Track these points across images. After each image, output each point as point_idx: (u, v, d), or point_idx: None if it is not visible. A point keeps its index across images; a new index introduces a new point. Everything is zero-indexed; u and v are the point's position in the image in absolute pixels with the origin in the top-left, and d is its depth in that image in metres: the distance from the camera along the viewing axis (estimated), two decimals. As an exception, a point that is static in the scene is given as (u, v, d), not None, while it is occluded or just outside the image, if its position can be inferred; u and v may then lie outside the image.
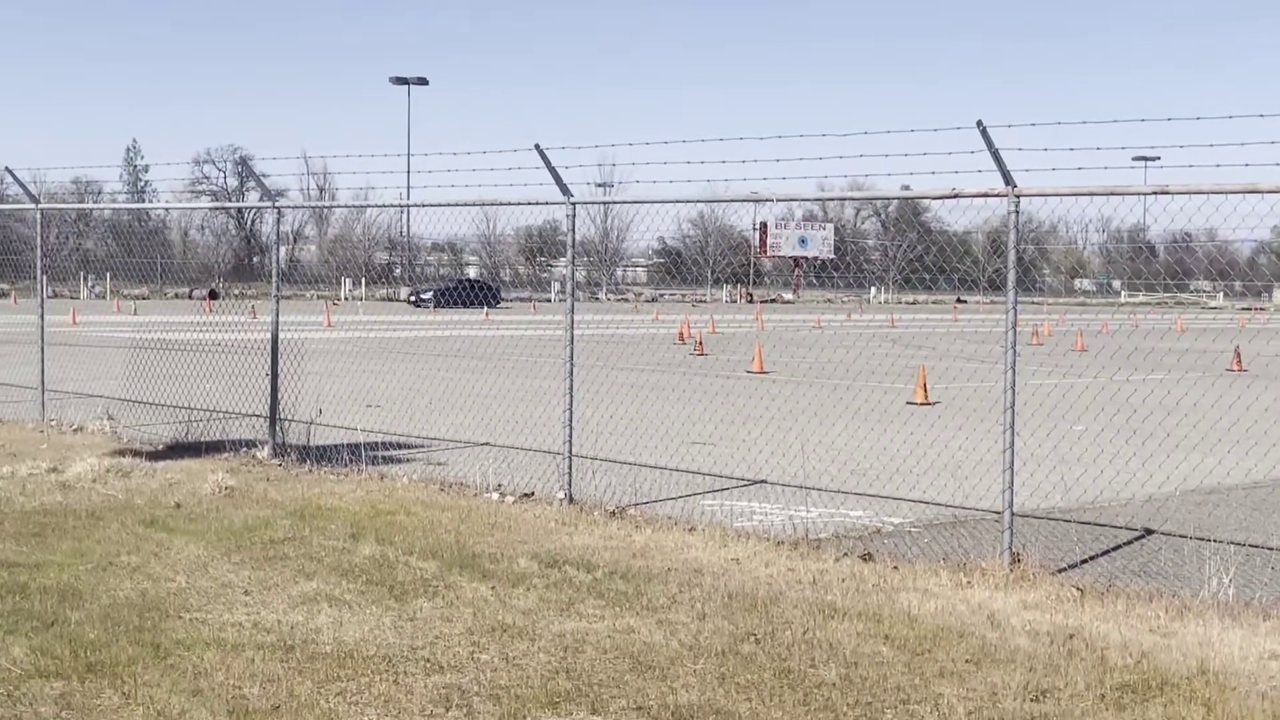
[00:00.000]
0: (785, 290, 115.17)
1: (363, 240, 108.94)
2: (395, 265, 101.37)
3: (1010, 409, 9.91)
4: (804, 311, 77.06)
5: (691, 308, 79.23)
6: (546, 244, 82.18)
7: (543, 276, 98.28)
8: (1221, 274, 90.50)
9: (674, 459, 15.22)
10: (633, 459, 15.13)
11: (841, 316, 69.57)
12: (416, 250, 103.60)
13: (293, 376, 15.18)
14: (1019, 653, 7.58)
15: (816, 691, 6.84)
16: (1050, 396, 20.56)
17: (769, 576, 9.41)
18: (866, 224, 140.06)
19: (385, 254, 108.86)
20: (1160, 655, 7.56)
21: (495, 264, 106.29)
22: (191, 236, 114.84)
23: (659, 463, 14.90)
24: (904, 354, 36.33)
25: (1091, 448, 16.49)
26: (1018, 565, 9.56)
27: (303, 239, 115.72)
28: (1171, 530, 11.58)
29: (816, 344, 40.90)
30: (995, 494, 10.65)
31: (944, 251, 55.15)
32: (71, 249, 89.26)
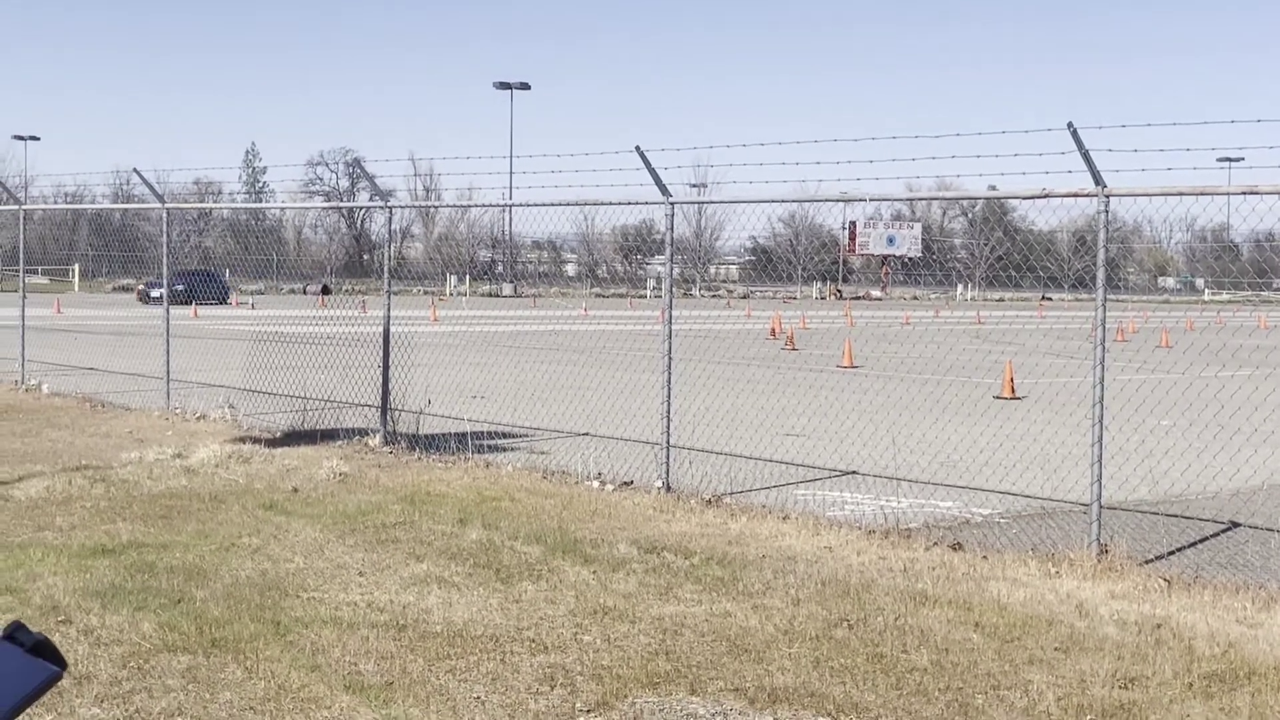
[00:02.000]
0: (874, 287, 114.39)
1: (466, 238, 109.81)
2: (497, 262, 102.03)
3: (1099, 403, 9.78)
4: (892, 308, 76.48)
5: (782, 304, 78.93)
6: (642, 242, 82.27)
7: (638, 273, 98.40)
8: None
9: (767, 450, 15.18)
10: (727, 450, 15.11)
11: (929, 313, 68.95)
12: (518, 248, 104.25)
13: (402, 368, 15.34)
14: (1107, 641, 7.47)
15: (908, 676, 6.79)
16: (1137, 392, 20.22)
17: (861, 564, 9.36)
18: (954, 223, 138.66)
19: (488, 252, 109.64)
20: (1247, 646, 7.42)
21: (593, 261, 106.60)
22: (305, 235, 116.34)
23: (753, 453, 14.87)
24: (990, 350, 35.93)
25: (1179, 442, 16.21)
26: (1105, 556, 9.43)
27: (410, 237, 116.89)
28: (1258, 523, 11.36)
29: (905, 340, 40.57)
30: (1082, 486, 10.51)
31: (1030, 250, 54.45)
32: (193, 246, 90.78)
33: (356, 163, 33.79)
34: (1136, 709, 6.32)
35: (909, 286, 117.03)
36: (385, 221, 16.02)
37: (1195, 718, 6.23)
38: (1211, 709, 6.35)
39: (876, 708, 6.33)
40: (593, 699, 6.42)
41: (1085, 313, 11.93)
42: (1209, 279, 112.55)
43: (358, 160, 41.03)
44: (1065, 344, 39.85)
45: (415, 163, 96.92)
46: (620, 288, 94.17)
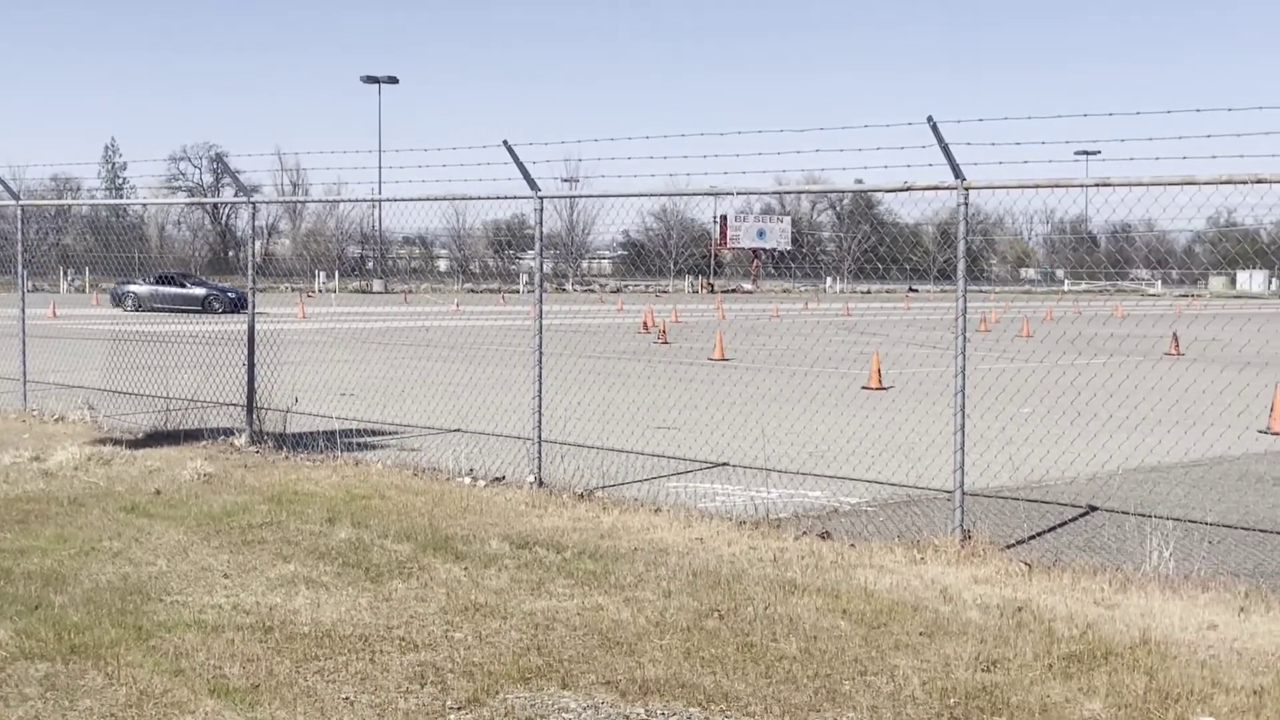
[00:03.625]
0: (745, 281, 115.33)
1: (335, 234, 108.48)
2: (367, 258, 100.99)
3: (960, 393, 9.96)
4: (763, 301, 77.19)
5: (654, 298, 79.23)
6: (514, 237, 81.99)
7: (511, 269, 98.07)
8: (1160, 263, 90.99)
9: (639, 443, 15.22)
10: (600, 443, 15.13)
11: (799, 306, 69.71)
12: (388, 244, 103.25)
13: (268, 366, 15.10)
14: (970, 625, 7.62)
15: (778, 664, 6.86)
16: (998, 381, 20.67)
17: (731, 555, 9.43)
18: (822, 216, 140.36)
19: (357, 248, 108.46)
20: (1104, 627, 7.62)
21: (465, 256, 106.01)
22: (168, 232, 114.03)
23: (625, 447, 14.90)
24: (858, 341, 36.44)
25: (1038, 429, 16.60)
26: (969, 542, 9.61)
27: (277, 233, 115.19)
28: (1114, 507, 11.67)
29: (775, 332, 40.98)
30: (947, 474, 10.70)
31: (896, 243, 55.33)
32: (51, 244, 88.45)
33: (219, 158, 33.14)
34: (998, 690, 6.46)
35: (779, 279, 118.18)
36: (249, 218, 15.76)
37: (1055, 698, 6.38)
38: (1070, 689, 6.51)
39: (746, 696, 6.38)
40: (464, 696, 6.38)
41: (950, 304, 12.27)
42: (1068, 270, 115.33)
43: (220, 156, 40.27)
44: (930, 335, 40.57)
45: (282, 157, 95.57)
46: (493, 283, 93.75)
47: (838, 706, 6.28)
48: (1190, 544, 9.83)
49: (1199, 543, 10.03)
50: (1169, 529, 9.73)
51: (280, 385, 15.66)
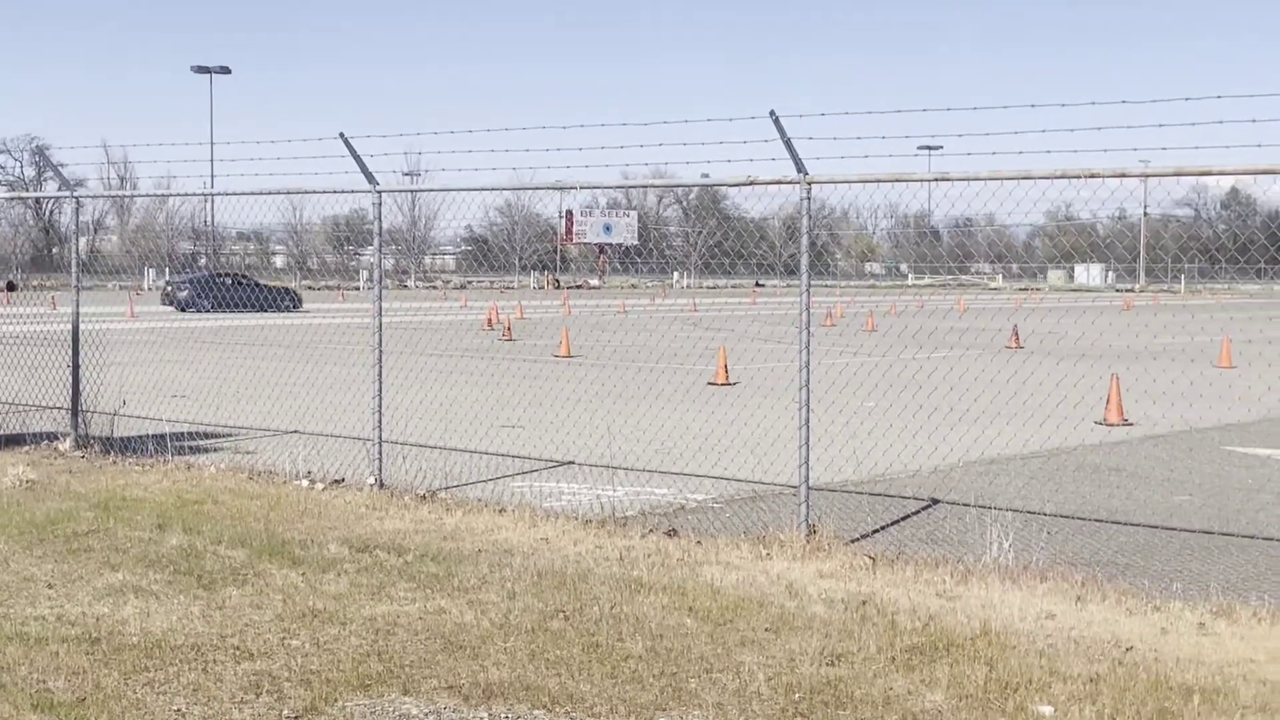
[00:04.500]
0: (591, 276, 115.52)
1: (166, 230, 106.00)
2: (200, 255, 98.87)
3: (805, 388, 10.10)
4: (609, 297, 77.38)
5: (499, 294, 78.92)
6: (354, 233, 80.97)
7: (350, 265, 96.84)
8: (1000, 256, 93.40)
9: (484, 442, 15.15)
10: (443, 443, 15.02)
11: (645, 301, 70.03)
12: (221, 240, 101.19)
13: (95, 367, 14.70)
14: (815, 620, 7.74)
15: (624, 664, 6.89)
16: (843, 375, 21.01)
17: (577, 554, 9.44)
18: (669, 211, 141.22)
19: (189, 244, 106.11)
20: (946, 618, 7.80)
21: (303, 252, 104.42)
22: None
23: (469, 446, 14.82)
24: (705, 337, 36.75)
25: (882, 423, 16.91)
26: (814, 536, 9.76)
27: (104, 229, 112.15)
28: (956, 499, 11.95)
29: (622, 328, 41.11)
30: (792, 469, 10.84)
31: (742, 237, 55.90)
32: None
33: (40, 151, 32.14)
34: (842, 684, 6.57)
35: (626, 275, 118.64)
36: (73, 213, 15.30)
37: (898, 690, 6.51)
38: (913, 680, 6.65)
39: (592, 698, 6.39)
40: (301, 705, 6.29)
41: (796, 299, 12.45)
42: (912, 264, 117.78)
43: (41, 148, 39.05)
44: (777, 329, 41.09)
45: (108, 150, 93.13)
46: (332, 280, 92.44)
47: (684, 705, 6.33)
48: (1029, 535, 10.11)
49: (1038, 533, 10.32)
50: (1009, 520, 9.99)
51: (107, 387, 15.25)
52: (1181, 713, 6.18)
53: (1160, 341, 34.71)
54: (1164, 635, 7.51)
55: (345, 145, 11.98)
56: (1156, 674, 6.72)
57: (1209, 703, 6.30)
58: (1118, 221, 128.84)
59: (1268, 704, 6.30)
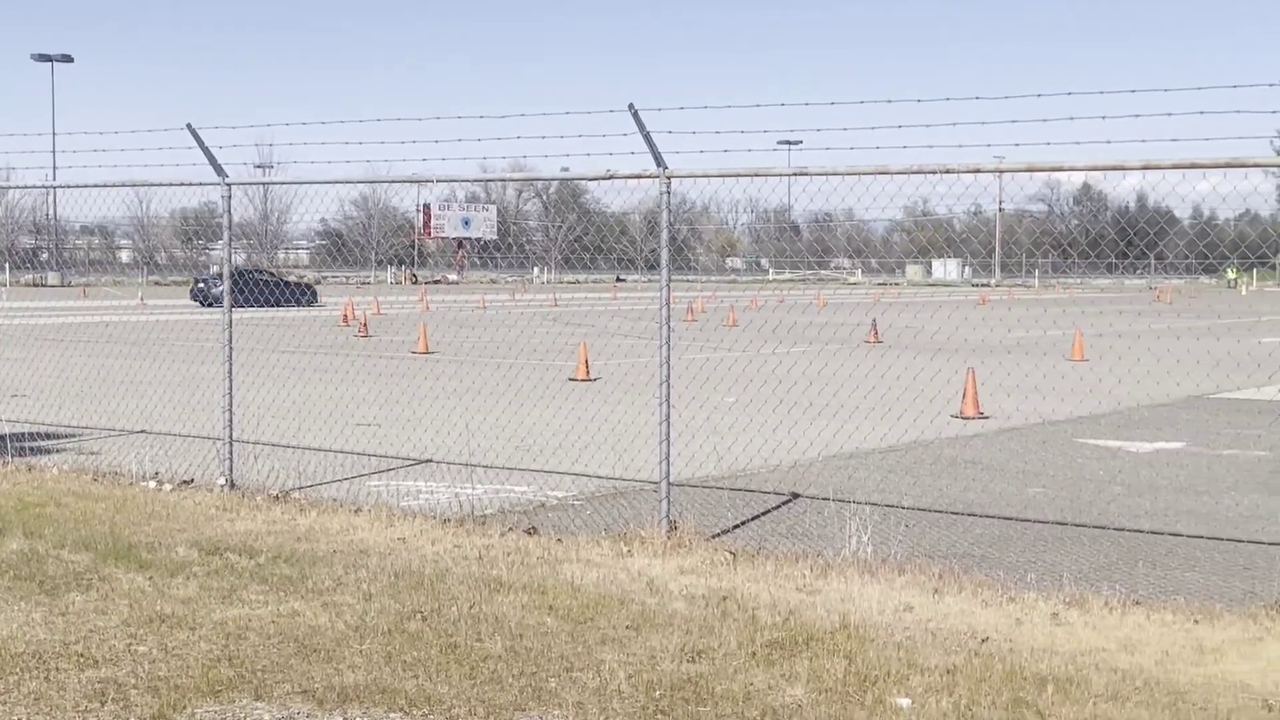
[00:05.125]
0: (449, 271, 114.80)
1: (4, 224, 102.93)
2: (41, 249, 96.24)
3: (665, 383, 10.14)
4: (468, 292, 76.97)
5: (355, 289, 78.03)
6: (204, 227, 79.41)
7: (201, 260, 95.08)
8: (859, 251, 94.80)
9: (339, 441, 14.96)
10: (297, 442, 14.80)
11: (505, 297, 69.78)
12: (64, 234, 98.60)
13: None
14: (676, 616, 7.77)
15: (483, 665, 6.85)
16: (704, 370, 21.15)
17: (435, 554, 9.37)
18: (529, 205, 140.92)
19: (30, 238, 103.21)
20: (806, 612, 7.88)
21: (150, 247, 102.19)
22: None
23: (324, 445, 14.62)
24: (565, 332, 36.72)
25: (742, 418, 17.06)
26: (675, 533, 9.80)
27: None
28: (816, 494, 12.08)
29: (481, 324, 40.92)
30: (653, 465, 10.88)
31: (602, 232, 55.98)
32: None
33: None
34: (703, 680, 6.60)
35: (485, 270, 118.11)
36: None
37: (758, 685, 6.57)
38: (773, 675, 6.71)
39: (450, 699, 6.34)
40: (148, 712, 6.14)
41: (657, 293, 12.54)
42: (773, 259, 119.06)
43: (-128, 136, 37.47)
44: (637, 325, 41.22)
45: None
46: (181, 275, 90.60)
47: (543, 705, 6.31)
48: (888, 528, 10.27)
49: (896, 526, 10.48)
50: (868, 514, 10.14)
51: (-58, 386, 14.76)
52: (1036, 702, 6.32)
53: (1014, 335, 35.54)
54: (1019, 626, 7.67)
55: (193, 136, 11.74)
56: (1012, 664, 6.87)
57: (1062, 692, 6.45)
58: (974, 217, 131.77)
59: (1119, 692, 6.48)
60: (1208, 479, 13.31)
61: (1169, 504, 11.97)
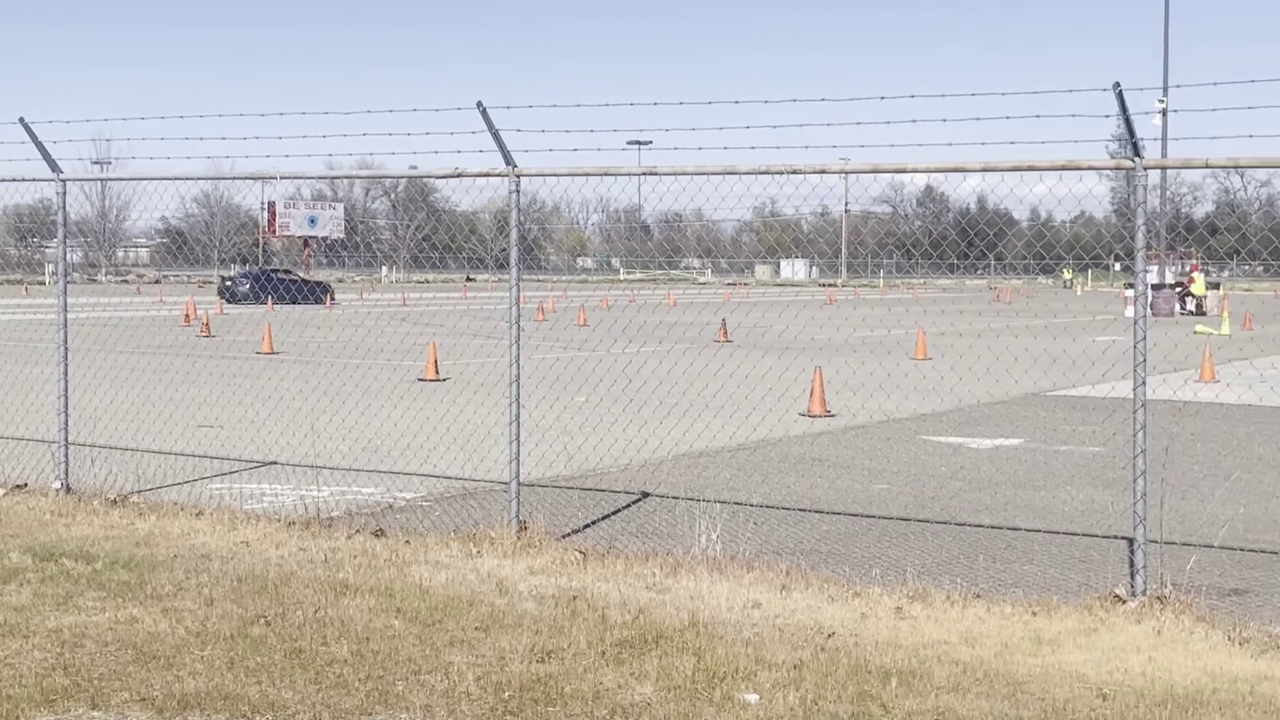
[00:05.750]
0: (296, 270, 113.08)
1: None
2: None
3: (515, 383, 10.10)
4: (314, 291, 75.79)
5: (198, 289, 76.46)
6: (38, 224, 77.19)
7: (35, 258, 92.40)
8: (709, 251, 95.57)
9: (180, 443, 14.65)
10: (136, 445, 14.46)
11: (353, 296, 68.96)
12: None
13: None
14: (526, 617, 7.75)
15: (328, 669, 6.75)
16: (554, 369, 21.14)
17: (280, 557, 9.22)
18: (376, 204, 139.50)
19: None
20: (656, 611, 7.92)
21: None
22: None
23: (164, 448, 14.30)
24: (414, 332, 36.42)
25: (593, 417, 17.08)
26: (525, 533, 9.78)
27: None
28: (666, 492, 12.15)
29: (327, 324, 40.39)
30: (503, 465, 10.84)
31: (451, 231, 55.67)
32: None
33: None
34: (552, 681, 6.60)
35: (332, 269, 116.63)
36: None
37: (607, 684, 6.58)
38: (623, 674, 6.73)
39: (294, 705, 6.24)
40: (-22, 726, 5.95)
41: (507, 293, 12.54)
42: (623, 258, 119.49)
43: None
44: (487, 324, 41.04)
45: None
46: (14, 274, 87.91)
47: (390, 708, 6.25)
48: (737, 525, 10.36)
49: (745, 524, 10.58)
50: (717, 512, 10.23)
51: None
52: (880, 695, 6.43)
53: (860, 335, 36.14)
54: (864, 620, 7.80)
55: (26, 131, 11.40)
56: (857, 658, 6.98)
57: (905, 684, 6.57)
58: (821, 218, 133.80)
59: (959, 684, 6.62)
60: (1045, 474, 13.67)
61: (1008, 499, 12.27)
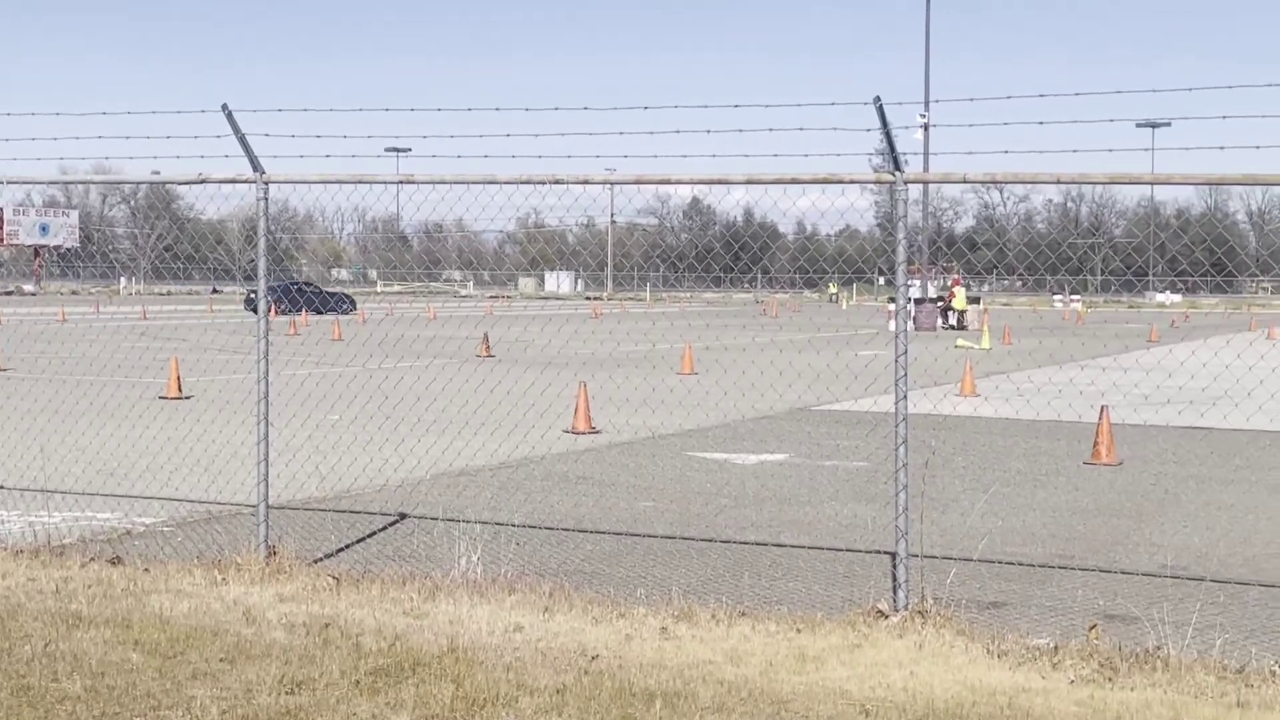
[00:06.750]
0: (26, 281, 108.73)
1: None
2: None
3: (264, 399, 9.88)
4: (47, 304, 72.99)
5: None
6: None
7: None
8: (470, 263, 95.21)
9: (-108, 467, 13.90)
10: None
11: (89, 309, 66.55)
12: None
13: None
14: (275, 647, 7.57)
15: (59, 707, 6.48)
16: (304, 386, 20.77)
17: (6, 589, 8.83)
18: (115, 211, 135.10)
19: None
20: (413, 637, 7.83)
21: None
22: None
23: (-126, 472, 13.55)
24: (155, 347, 35.35)
25: (347, 436, 16.83)
26: (274, 558, 9.57)
27: None
28: (425, 513, 12.04)
29: (60, 338, 38.91)
30: (251, 487, 10.59)
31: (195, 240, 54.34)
32: None
33: None
34: (302, 712, 6.46)
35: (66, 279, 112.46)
36: None
37: (361, 714, 6.47)
38: (378, 704, 6.63)
39: (21, 748, 5.98)
40: None
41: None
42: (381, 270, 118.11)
43: None
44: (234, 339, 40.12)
45: None
46: None
47: (128, 748, 6.03)
48: (499, 546, 10.32)
49: (507, 545, 10.56)
50: (478, 533, 10.18)
51: None
52: (644, 718, 6.47)
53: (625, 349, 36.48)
54: (628, 642, 7.85)
55: None
56: (621, 681, 7.01)
57: (670, 706, 6.63)
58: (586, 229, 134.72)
59: (724, 704, 6.71)
60: (810, 490, 14.00)
61: (774, 515, 12.52)
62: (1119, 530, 11.96)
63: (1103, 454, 15.79)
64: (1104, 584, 9.80)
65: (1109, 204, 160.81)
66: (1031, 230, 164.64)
